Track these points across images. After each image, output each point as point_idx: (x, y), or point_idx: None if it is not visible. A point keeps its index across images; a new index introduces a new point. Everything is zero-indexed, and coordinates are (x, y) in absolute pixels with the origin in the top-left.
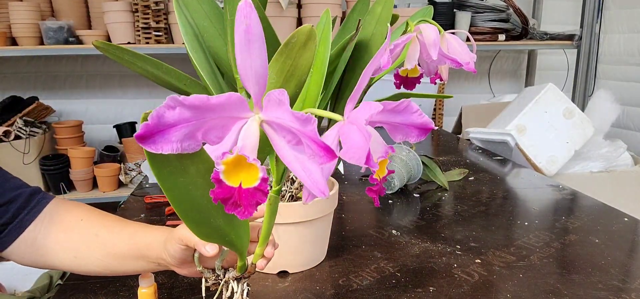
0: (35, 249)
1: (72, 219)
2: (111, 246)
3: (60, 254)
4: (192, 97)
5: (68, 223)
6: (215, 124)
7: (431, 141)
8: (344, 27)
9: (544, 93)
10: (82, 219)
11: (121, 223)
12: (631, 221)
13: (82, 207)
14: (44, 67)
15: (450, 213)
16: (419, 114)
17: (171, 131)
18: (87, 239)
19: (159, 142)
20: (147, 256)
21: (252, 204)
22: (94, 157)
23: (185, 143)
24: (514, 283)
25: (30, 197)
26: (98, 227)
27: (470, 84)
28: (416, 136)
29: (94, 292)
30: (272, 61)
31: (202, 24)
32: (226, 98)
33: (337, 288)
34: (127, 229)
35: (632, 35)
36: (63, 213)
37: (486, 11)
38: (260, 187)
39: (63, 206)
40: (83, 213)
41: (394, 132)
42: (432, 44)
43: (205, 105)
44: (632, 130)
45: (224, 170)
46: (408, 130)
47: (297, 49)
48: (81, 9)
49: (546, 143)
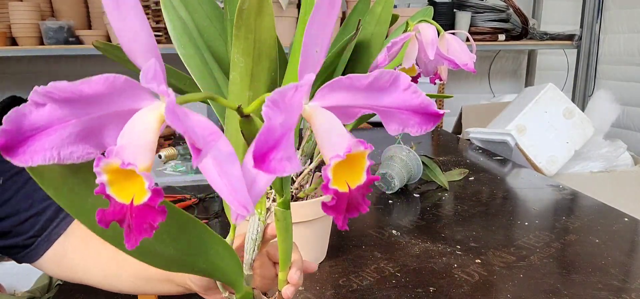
0: (65, 263)
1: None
2: (140, 269)
3: (90, 271)
4: (61, 85)
5: (99, 243)
6: (106, 122)
7: (431, 141)
8: (344, 27)
9: (544, 93)
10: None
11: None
12: (631, 221)
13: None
14: (44, 67)
15: (450, 213)
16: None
17: (41, 136)
18: (118, 261)
19: (26, 153)
20: (173, 280)
21: (144, 228)
22: None
23: (69, 150)
24: (514, 283)
25: (59, 209)
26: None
27: (470, 84)
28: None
29: (94, 292)
30: (234, 39)
31: (202, 24)
32: (105, 84)
33: (337, 288)
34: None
35: (632, 35)
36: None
37: (486, 11)
38: (151, 203)
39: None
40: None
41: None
42: (429, 44)
43: (81, 97)
44: (632, 130)
45: (108, 180)
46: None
47: (253, 18)
48: (81, 9)
49: (546, 143)
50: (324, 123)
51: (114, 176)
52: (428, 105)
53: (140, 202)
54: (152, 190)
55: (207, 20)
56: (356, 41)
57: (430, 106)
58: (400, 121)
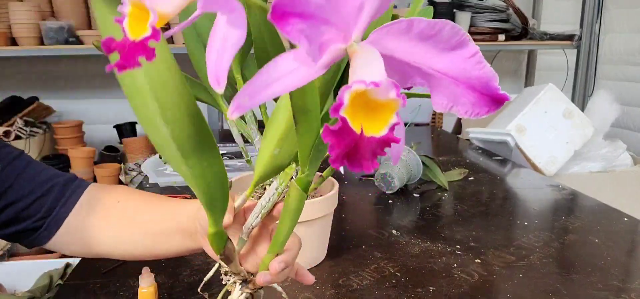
0: (78, 238)
1: (110, 202)
2: (151, 224)
3: (103, 241)
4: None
5: (107, 208)
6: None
7: (431, 141)
8: None
9: (543, 93)
10: (119, 201)
11: (160, 200)
12: (631, 221)
13: (119, 189)
14: (44, 68)
15: (450, 213)
16: (478, 61)
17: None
18: (126, 221)
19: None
20: (184, 231)
21: (132, 60)
22: (94, 157)
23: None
24: (514, 283)
25: (64, 187)
26: (136, 207)
27: None
28: (470, 105)
29: (94, 292)
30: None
31: (202, 23)
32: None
33: (337, 288)
34: (167, 205)
35: (632, 35)
36: (100, 198)
37: (486, 11)
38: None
39: (100, 191)
40: (120, 195)
41: (437, 92)
42: None
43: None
44: (632, 130)
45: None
46: (458, 90)
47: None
48: (81, 9)
49: (546, 143)
50: (366, 56)
51: (135, 11)
52: (489, 81)
53: (139, 37)
54: (152, 29)
55: (207, 21)
56: None
57: (492, 84)
58: (452, 95)
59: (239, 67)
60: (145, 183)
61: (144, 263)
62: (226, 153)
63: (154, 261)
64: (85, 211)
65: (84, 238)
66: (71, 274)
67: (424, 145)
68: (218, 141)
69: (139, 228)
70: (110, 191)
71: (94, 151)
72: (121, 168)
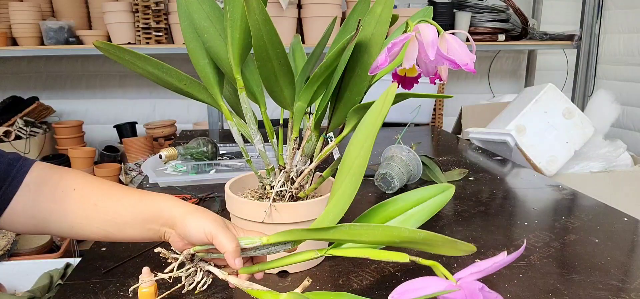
0: (27, 218)
1: (64, 187)
2: (113, 214)
3: (55, 223)
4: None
5: (60, 192)
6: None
7: (431, 141)
8: (344, 27)
9: (543, 93)
10: (75, 188)
11: (120, 190)
12: (631, 221)
13: (71, 175)
14: (44, 68)
15: (450, 213)
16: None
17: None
18: (85, 209)
19: None
20: (154, 222)
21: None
22: (94, 157)
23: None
24: (514, 283)
25: (8, 167)
26: (96, 196)
27: (470, 84)
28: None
29: (94, 292)
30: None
31: (202, 24)
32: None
33: (337, 288)
34: (130, 197)
35: (632, 35)
36: (50, 181)
37: (486, 11)
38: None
39: (48, 173)
40: (74, 181)
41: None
42: (429, 44)
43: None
44: (632, 130)
45: None
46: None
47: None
48: (81, 9)
49: (546, 143)
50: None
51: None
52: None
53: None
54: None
55: (207, 21)
56: (356, 41)
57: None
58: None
59: (238, 68)
60: (146, 183)
61: (144, 262)
62: (226, 153)
63: (154, 261)
64: (35, 191)
65: (34, 219)
66: (71, 274)
67: (424, 145)
68: (218, 141)
69: (100, 216)
70: (64, 175)
71: (94, 151)
72: (121, 168)
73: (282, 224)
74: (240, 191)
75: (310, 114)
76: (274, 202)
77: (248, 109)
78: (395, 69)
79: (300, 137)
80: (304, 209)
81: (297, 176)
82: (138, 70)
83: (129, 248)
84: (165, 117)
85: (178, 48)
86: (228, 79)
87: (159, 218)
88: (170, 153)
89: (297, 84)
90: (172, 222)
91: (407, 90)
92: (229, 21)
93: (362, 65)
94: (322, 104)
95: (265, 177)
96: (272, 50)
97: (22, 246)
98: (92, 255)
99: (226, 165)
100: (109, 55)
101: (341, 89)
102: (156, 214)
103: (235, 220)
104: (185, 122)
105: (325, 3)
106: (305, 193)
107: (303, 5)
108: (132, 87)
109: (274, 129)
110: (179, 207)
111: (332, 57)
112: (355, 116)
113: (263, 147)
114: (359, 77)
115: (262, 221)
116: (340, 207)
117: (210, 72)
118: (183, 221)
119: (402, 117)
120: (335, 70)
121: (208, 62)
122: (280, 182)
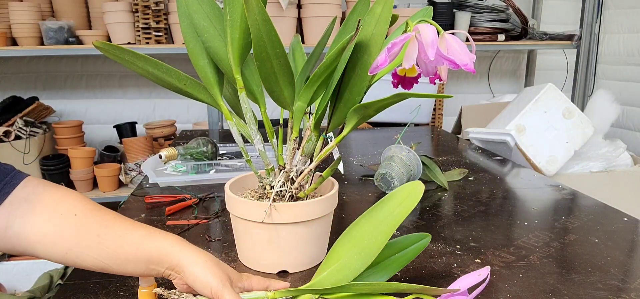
0: (9, 236)
1: (63, 211)
2: (115, 249)
3: (48, 247)
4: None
5: (58, 216)
6: None
7: (431, 141)
8: (344, 27)
9: (543, 93)
10: (77, 214)
11: (124, 224)
12: (631, 221)
13: (71, 197)
14: (44, 68)
15: (450, 213)
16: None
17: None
18: (86, 238)
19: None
20: (158, 264)
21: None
22: (94, 157)
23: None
24: (514, 283)
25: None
26: (99, 227)
27: (469, 84)
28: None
29: (94, 292)
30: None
31: (202, 24)
32: None
33: None
34: (135, 233)
35: (631, 35)
36: (46, 201)
37: (486, 11)
38: None
39: (43, 190)
40: (75, 206)
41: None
42: (429, 44)
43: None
44: (632, 130)
45: None
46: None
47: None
48: (81, 9)
49: (546, 143)
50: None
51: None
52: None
53: None
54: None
55: (207, 21)
56: (356, 41)
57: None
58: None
59: (238, 67)
60: (145, 183)
61: None
62: (226, 153)
63: None
64: (26, 209)
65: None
66: (71, 274)
67: (424, 145)
68: (218, 141)
69: (101, 250)
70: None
71: (94, 151)
72: (121, 168)
73: (282, 224)
74: (240, 191)
75: (310, 114)
76: (273, 202)
77: (248, 109)
78: (395, 69)
79: (300, 137)
80: (304, 209)
81: (297, 176)
82: (138, 71)
83: None
84: (165, 117)
85: (178, 48)
86: (228, 79)
87: (164, 261)
88: (170, 153)
89: (297, 84)
90: (178, 269)
91: (407, 90)
92: (229, 21)
93: (362, 65)
94: (322, 104)
95: (265, 177)
96: (271, 50)
97: None
98: None
99: (226, 165)
100: (109, 55)
101: (341, 89)
102: (162, 257)
103: (235, 220)
104: (185, 122)
105: (325, 3)
106: (305, 193)
107: (303, 5)
108: (132, 87)
109: (274, 129)
110: (187, 255)
111: (332, 57)
112: (355, 116)
113: (263, 147)
114: (359, 77)
115: (262, 221)
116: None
117: (210, 72)
118: (190, 271)
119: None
120: (335, 70)
121: (208, 62)
122: (280, 182)
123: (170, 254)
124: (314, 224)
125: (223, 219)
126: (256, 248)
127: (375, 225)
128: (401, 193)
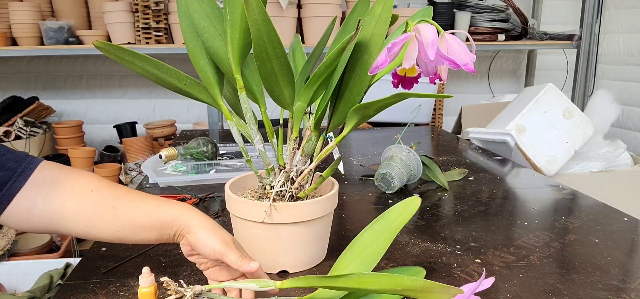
0: (33, 215)
1: (80, 188)
2: (131, 219)
3: (69, 223)
4: None
5: (76, 193)
6: None
7: (431, 141)
8: (344, 27)
9: (543, 93)
10: (93, 190)
11: (137, 196)
12: (631, 221)
13: (86, 176)
14: (44, 67)
15: (450, 213)
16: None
17: None
18: (103, 211)
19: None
20: (169, 228)
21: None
22: (94, 157)
23: None
24: (514, 283)
25: (15, 163)
26: (114, 199)
27: (469, 84)
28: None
29: (94, 292)
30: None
31: (202, 23)
32: None
33: None
34: (148, 202)
35: (631, 35)
36: (65, 181)
37: (486, 11)
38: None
39: (60, 171)
40: (91, 183)
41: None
42: (429, 44)
43: None
44: (632, 130)
45: None
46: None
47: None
48: (81, 9)
49: (546, 143)
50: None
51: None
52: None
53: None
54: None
55: (207, 21)
56: (356, 41)
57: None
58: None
59: (238, 67)
60: (145, 183)
61: (144, 262)
62: (226, 153)
63: (154, 261)
64: (47, 189)
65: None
66: (71, 274)
67: (424, 145)
68: (218, 141)
69: (118, 220)
70: (79, 177)
71: (94, 151)
72: (121, 168)
73: (282, 224)
74: (240, 191)
75: (310, 114)
76: (274, 202)
77: (248, 109)
78: (395, 69)
79: (300, 137)
80: (304, 209)
81: (297, 176)
82: (138, 71)
83: (129, 248)
84: (165, 117)
85: (178, 48)
86: (228, 79)
87: (174, 225)
88: (170, 153)
89: (297, 83)
90: (187, 230)
91: (407, 90)
92: (229, 21)
93: (362, 65)
94: (322, 104)
95: (265, 177)
96: (271, 50)
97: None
98: (92, 255)
99: (226, 165)
100: (109, 55)
101: (341, 88)
102: (173, 221)
103: (235, 220)
104: (185, 122)
105: (325, 3)
106: (305, 193)
107: (303, 5)
108: (132, 87)
109: (274, 129)
110: (195, 218)
111: (332, 57)
112: (355, 116)
113: (263, 147)
114: (359, 77)
115: (262, 221)
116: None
117: (210, 72)
118: (197, 233)
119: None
120: (335, 70)
121: (208, 62)
122: (280, 182)
123: (179, 218)
124: (314, 224)
125: (223, 219)
126: (256, 248)
127: (376, 235)
128: (400, 205)
